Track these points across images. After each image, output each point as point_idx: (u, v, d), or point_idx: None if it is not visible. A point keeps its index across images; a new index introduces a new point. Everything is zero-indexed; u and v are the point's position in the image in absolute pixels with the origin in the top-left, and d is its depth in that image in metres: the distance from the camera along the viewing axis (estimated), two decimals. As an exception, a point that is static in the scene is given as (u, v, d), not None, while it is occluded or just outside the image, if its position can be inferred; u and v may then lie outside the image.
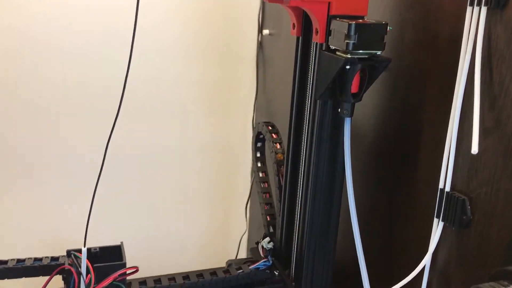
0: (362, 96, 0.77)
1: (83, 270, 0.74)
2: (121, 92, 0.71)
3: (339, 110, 0.79)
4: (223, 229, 1.47)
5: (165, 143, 1.33)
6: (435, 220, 0.74)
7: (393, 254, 0.88)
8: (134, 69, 0.72)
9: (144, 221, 1.36)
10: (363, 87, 0.76)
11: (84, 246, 0.73)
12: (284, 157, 1.03)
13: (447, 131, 0.71)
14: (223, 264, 1.02)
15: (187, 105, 1.34)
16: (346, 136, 0.79)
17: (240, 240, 1.40)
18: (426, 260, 0.76)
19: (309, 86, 0.86)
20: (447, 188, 0.72)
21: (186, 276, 0.93)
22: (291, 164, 0.96)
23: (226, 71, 1.34)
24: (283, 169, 1.02)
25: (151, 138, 1.32)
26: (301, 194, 0.93)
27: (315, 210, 0.89)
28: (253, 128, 1.37)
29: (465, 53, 0.66)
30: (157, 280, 0.91)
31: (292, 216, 0.97)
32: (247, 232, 1.44)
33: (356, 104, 0.78)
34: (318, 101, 0.83)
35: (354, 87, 0.76)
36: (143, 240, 1.33)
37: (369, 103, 0.90)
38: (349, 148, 0.79)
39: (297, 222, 0.95)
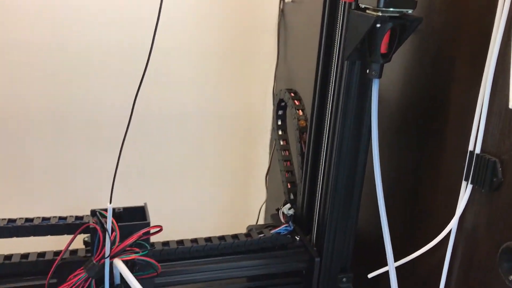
0: (391, 57, 0.76)
1: (109, 227, 0.74)
2: (146, 59, 0.70)
3: (367, 71, 0.77)
4: (242, 198, 1.47)
5: (185, 111, 1.33)
6: (464, 183, 0.73)
7: (418, 219, 0.87)
8: (156, 37, 0.71)
9: (164, 187, 1.36)
10: (392, 47, 0.74)
11: (110, 203, 0.73)
12: (306, 124, 1.02)
13: (478, 92, 0.69)
14: (243, 232, 1.02)
15: (208, 74, 1.33)
16: (374, 98, 0.77)
17: (260, 209, 1.40)
18: (453, 224, 0.75)
19: (336, 48, 0.85)
20: (477, 150, 0.71)
21: (208, 239, 0.93)
22: (315, 129, 0.95)
23: (247, 39, 1.33)
24: (306, 135, 1.01)
25: (173, 105, 1.31)
26: (324, 160, 0.92)
27: (339, 175, 0.89)
28: (274, 97, 1.36)
29: (502, 9, 0.65)
30: (180, 242, 0.91)
31: (314, 182, 0.97)
32: (265, 203, 1.44)
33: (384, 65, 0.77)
34: (345, 62, 0.81)
35: (383, 47, 0.74)
36: (163, 207, 1.33)
37: (397, 65, 0.88)
38: (376, 110, 0.78)
39: (319, 188, 0.94)
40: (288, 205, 1.04)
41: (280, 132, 1.13)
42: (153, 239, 0.83)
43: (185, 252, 0.90)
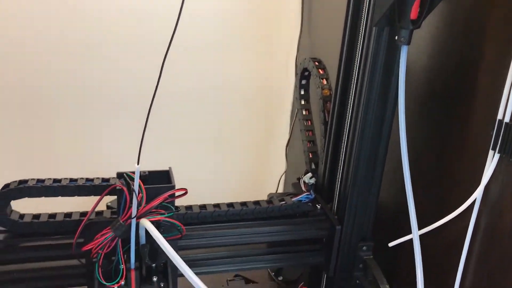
0: (421, 23, 0.74)
1: (136, 187, 0.76)
2: (172, 31, 0.70)
3: (396, 37, 0.76)
4: (262, 168, 1.48)
5: (207, 80, 1.33)
6: (491, 152, 0.73)
7: (442, 188, 0.87)
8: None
9: (186, 155, 1.38)
10: (423, 12, 0.73)
11: (138, 164, 0.74)
12: (330, 93, 1.02)
13: (510, 60, 0.68)
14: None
15: (229, 43, 1.32)
16: (402, 65, 0.76)
17: (280, 179, 1.41)
18: (478, 194, 0.75)
19: (364, 14, 0.84)
20: (507, 119, 0.70)
21: (230, 204, 0.94)
22: (340, 98, 0.94)
23: (270, 7, 1.31)
24: (329, 105, 1.01)
25: (195, 75, 1.32)
26: (348, 129, 0.92)
27: (363, 144, 0.89)
28: (297, 66, 1.35)
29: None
30: (202, 206, 0.93)
31: (337, 151, 0.97)
32: (285, 173, 1.44)
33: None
34: (373, 29, 0.80)
35: (413, 13, 0.73)
36: (185, 174, 1.34)
37: (426, 31, 0.87)
38: (404, 77, 0.77)
39: (342, 157, 0.94)
40: (310, 174, 1.04)
41: (302, 102, 1.13)
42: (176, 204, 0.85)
43: (208, 216, 0.92)
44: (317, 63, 1.06)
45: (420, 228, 0.83)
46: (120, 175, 0.84)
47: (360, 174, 0.91)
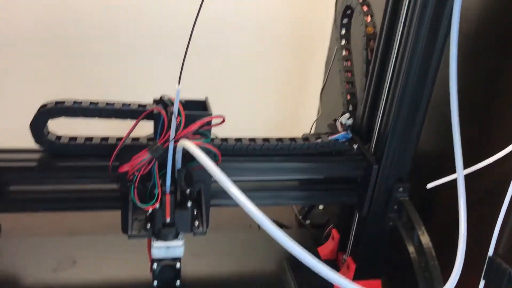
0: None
1: (175, 109, 0.74)
2: None
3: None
4: (295, 112, 1.47)
5: (241, 18, 1.30)
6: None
7: (488, 128, 0.84)
8: None
9: (218, 94, 1.36)
10: None
11: (178, 84, 0.72)
12: (374, 31, 0.98)
13: None
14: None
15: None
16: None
17: (313, 123, 1.39)
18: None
19: None
20: None
21: (266, 139, 0.92)
22: (386, 36, 0.90)
23: None
24: (373, 43, 0.97)
25: (228, 9, 1.29)
26: (393, 69, 0.88)
27: (407, 85, 0.86)
28: (336, 4, 1.30)
29: None
30: (238, 139, 0.92)
31: (378, 91, 0.94)
32: (317, 120, 1.42)
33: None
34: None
35: None
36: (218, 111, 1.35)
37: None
38: (458, 13, 0.73)
39: (384, 98, 0.91)
40: (347, 115, 1.02)
41: (343, 42, 1.09)
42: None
43: (243, 149, 0.90)
44: (361, 0, 1.02)
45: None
46: (156, 101, 0.82)
47: (403, 115, 0.88)
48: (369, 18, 0.99)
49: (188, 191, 0.82)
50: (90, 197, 0.89)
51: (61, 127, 0.85)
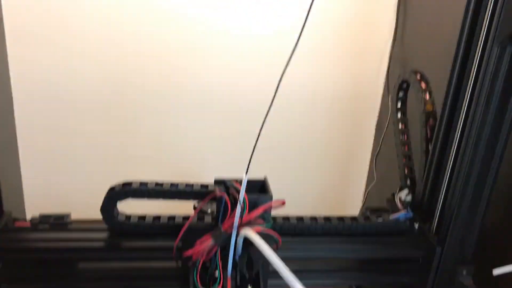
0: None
1: (241, 197, 0.76)
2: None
3: (522, 57, 0.72)
4: (343, 180, 1.46)
5: (292, 86, 1.32)
6: None
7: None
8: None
9: (267, 163, 1.37)
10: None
11: (246, 173, 0.74)
12: (433, 108, 0.98)
13: None
14: (348, 213, 1.00)
15: (319, 51, 1.30)
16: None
17: (366, 191, 1.37)
18: None
19: (483, 30, 0.79)
20: None
21: (327, 218, 0.92)
22: (447, 116, 0.90)
23: (360, 14, 1.28)
24: (432, 120, 0.97)
25: (283, 82, 1.31)
26: (456, 149, 0.88)
27: (473, 167, 0.85)
28: (388, 77, 1.30)
29: None
30: (300, 218, 0.92)
31: (439, 170, 0.92)
32: (369, 187, 1.41)
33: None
34: (496, 46, 0.76)
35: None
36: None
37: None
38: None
39: (446, 177, 0.90)
40: (406, 191, 1.00)
41: (399, 115, 1.09)
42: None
43: (304, 229, 0.91)
44: (419, 76, 1.02)
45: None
46: (218, 182, 0.84)
47: (468, 194, 0.86)
48: (427, 96, 0.99)
49: (247, 274, 0.83)
50: (150, 276, 0.91)
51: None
